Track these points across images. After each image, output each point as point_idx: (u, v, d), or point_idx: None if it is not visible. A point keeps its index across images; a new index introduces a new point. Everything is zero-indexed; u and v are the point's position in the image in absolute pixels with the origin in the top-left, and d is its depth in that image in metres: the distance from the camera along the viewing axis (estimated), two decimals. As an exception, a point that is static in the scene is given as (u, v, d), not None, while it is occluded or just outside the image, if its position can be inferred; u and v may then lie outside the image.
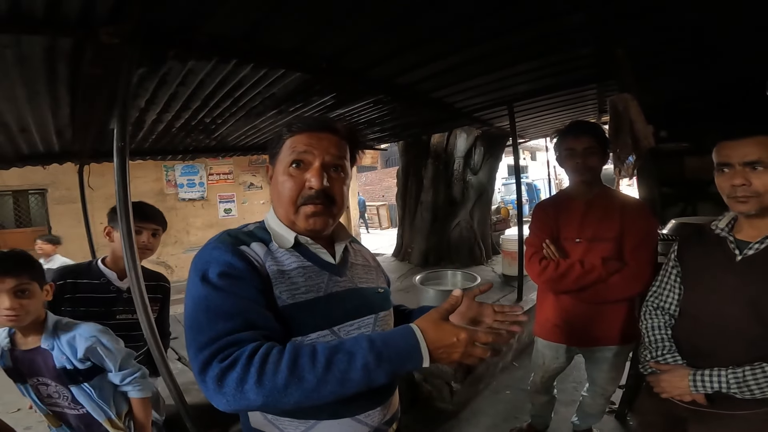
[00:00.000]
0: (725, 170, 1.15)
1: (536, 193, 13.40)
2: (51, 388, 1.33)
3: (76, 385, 1.32)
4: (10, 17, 1.23)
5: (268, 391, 0.65)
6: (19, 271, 1.22)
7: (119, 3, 1.24)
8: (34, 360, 1.30)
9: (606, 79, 2.55)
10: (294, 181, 0.86)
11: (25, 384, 1.33)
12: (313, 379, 0.66)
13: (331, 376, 0.66)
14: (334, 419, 0.82)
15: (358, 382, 0.68)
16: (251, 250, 0.83)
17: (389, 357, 0.68)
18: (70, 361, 1.30)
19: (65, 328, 1.34)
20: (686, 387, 1.17)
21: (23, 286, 1.22)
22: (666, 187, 3.91)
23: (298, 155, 0.86)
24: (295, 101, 2.56)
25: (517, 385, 2.88)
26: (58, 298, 1.60)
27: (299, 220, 0.87)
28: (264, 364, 0.66)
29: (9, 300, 1.18)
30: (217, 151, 4.25)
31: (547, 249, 1.81)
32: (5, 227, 6.63)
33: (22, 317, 1.22)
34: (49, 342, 1.29)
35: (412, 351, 0.69)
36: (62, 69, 1.68)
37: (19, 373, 1.32)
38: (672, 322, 1.36)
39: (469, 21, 1.70)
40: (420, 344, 0.69)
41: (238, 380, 0.65)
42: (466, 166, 5.44)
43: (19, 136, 2.67)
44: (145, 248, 1.68)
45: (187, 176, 8.14)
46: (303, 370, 0.66)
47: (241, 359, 0.67)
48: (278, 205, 0.90)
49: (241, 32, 1.61)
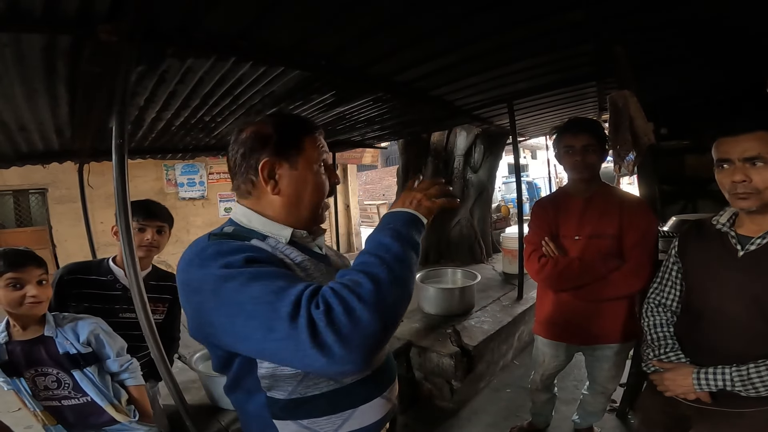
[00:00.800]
0: (725, 166, 1.14)
1: (537, 192, 13.38)
2: (51, 377, 1.36)
3: (80, 370, 1.37)
4: (8, 15, 1.22)
5: (373, 302, 0.62)
6: (39, 264, 1.36)
7: (117, 1, 1.24)
8: (34, 349, 1.35)
9: (605, 77, 2.54)
10: (324, 179, 0.91)
11: (20, 377, 1.34)
12: (384, 271, 0.67)
13: (392, 259, 0.70)
14: (367, 403, 0.84)
15: (412, 255, 0.75)
16: (253, 246, 0.80)
17: (407, 234, 0.76)
18: (73, 345, 1.37)
19: (65, 319, 1.43)
20: (690, 385, 1.17)
21: (44, 277, 1.35)
22: (666, 184, 3.91)
23: (324, 155, 0.91)
24: (294, 99, 2.55)
25: (518, 384, 2.88)
26: (65, 294, 1.64)
27: (321, 216, 0.92)
28: (351, 286, 0.64)
29: (35, 288, 1.31)
30: (216, 150, 4.23)
31: (546, 246, 1.81)
32: (6, 227, 6.62)
33: (44, 304, 1.35)
34: (51, 330, 1.37)
35: (410, 219, 0.79)
36: (61, 67, 1.67)
37: (14, 366, 1.34)
38: (674, 319, 1.35)
39: (468, 18, 1.69)
40: (407, 212, 0.81)
41: (345, 310, 0.61)
42: (466, 164, 5.43)
43: (18, 135, 2.66)
44: (151, 245, 1.67)
45: (187, 175, 8.14)
46: (373, 271, 0.67)
47: (331, 294, 0.63)
48: (299, 206, 0.88)
49: (239, 30, 1.60)
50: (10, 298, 1.29)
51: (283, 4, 1.45)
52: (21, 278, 1.29)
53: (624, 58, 1.92)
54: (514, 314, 3.27)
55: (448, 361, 2.60)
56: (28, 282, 1.30)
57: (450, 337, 2.75)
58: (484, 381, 2.91)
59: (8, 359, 1.33)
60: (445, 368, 2.63)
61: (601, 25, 1.79)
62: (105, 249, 5.99)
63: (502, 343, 3.11)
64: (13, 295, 1.29)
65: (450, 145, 5.41)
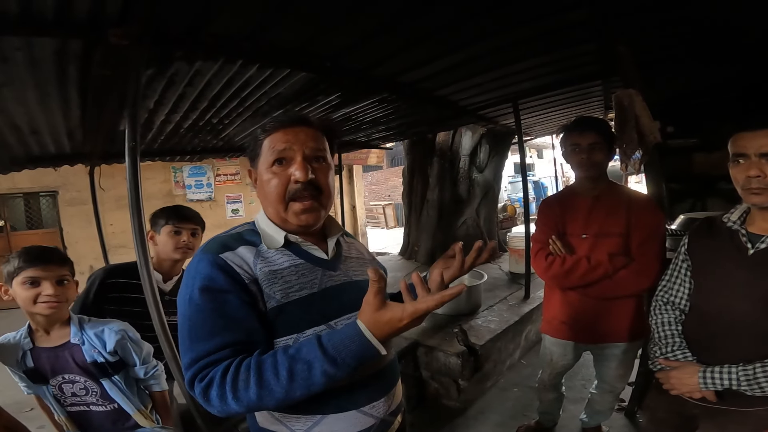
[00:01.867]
0: (741, 161, 1.13)
1: (543, 191, 13.32)
2: (78, 384, 1.33)
3: (108, 378, 1.35)
4: (20, 19, 1.26)
5: (246, 402, 0.72)
6: (63, 262, 1.30)
7: (127, 5, 1.26)
8: (60, 356, 1.30)
9: (610, 76, 2.53)
10: (279, 178, 0.86)
11: (47, 385, 1.31)
12: (281, 390, 0.72)
13: (296, 385, 0.72)
14: (339, 413, 0.83)
15: (324, 384, 0.72)
16: (236, 256, 0.83)
17: (344, 360, 0.72)
18: (101, 354, 1.33)
19: (91, 324, 1.37)
20: (696, 384, 1.16)
21: (66, 276, 1.29)
22: (675, 182, 3.88)
23: (279, 153, 0.86)
24: (300, 101, 2.57)
25: (525, 383, 2.87)
26: (103, 296, 1.66)
27: (290, 216, 0.87)
28: (235, 381, 0.72)
29: (53, 287, 1.24)
30: (224, 152, 4.28)
31: (553, 245, 1.81)
32: (17, 229, 6.72)
33: (62, 305, 1.28)
34: (78, 336, 1.32)
35: (364, 349, 0.72)
36: (72, 71, 1.70)
37: (40, 373, 1.30)
38: (682, 317, 1.34)
39: (471, 18, 1.70)
40: (370, 340, 0.72)
41: (219, 396, 0.73)
42: (471, 164, 5.43)
43: (30, 138, 2.71)
44: (187, 247, 1.74)
45: (195, 177, 8.20)
46: (269, 383, 0.72)
47: (216, 379, 0.73)
48: (267, 204, 0.90)
49: (246, 32, 1.63)
50: (23, 297, 1.23)
51: (288, 7, 1.47)
52: (38, 276, 1.23)
53: (628, 56, 1.91)
54: (521, 313, 3.26)
55: (455, 360, 2.60)
56: (46, 280, 1.24)
57: (457, 336, 2.75)
58: (491, 380, 2.91)
59: (34, 367, 1.30)
60: (451, 367, 2.63)
61: (604, 24, 1.79)
62: (116, 251, 6.11)
63: (509, 342, 3.11)
64: (27, 294, 1.23)
65: (455, 144, 5.41)
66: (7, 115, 2.18)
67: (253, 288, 0.81)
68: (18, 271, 1.23)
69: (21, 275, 1.23)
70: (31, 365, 1.29)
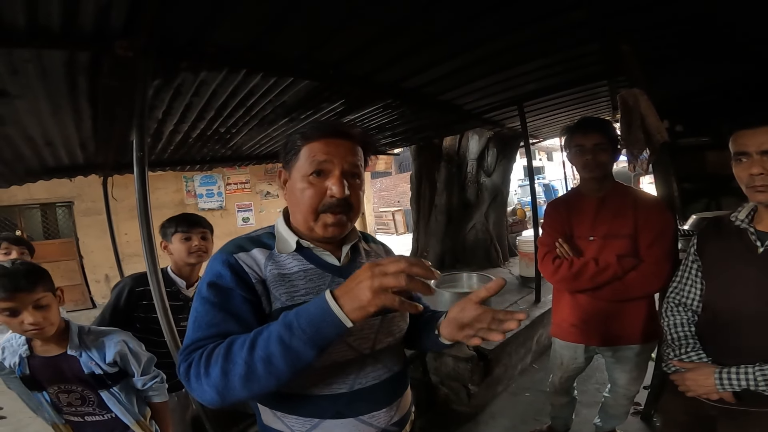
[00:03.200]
0: (743, 159, 1.13)
1: (554, 194, 13.19)
2: (75, 394, 1.32)
3: (106, 389, 1.33)
4: (28, 32, 1.29)
5: (213, 380, 0.71)
6: (34, 285, 1.20)
7: (132, 16, 1.30)
8: (57, 366, 1.28)
9: (616, 75, 2.51)
10: (315, 189, 0.86)
11: (42, 392, 1.30)
12: (241, 361, 0.69)
13: (256, 356, 0.69)
14: (337, 419, 0.84)
15: (281, 358, 0.68)
16: (249, 257, 0.86)
17: (300, 325, 0.67)
18: (99, 366, 1.31)
19: (91, 334, 1.35)
20: (712, 385, 1.14)
21: (42, 300, 1.21)
22: (687, 182, 3.82)
23: (319, 165, 0.86)
24: (305, 108, 2.60)
25: (537, 387, 2.83)
26: (135, 304, 1.69)
27: (318, 227, 0.88)
28: (209, 359, 0.73)
29: (32, 316, 1.18)
30: (233, 161, 4.34)
31: (560, 248, 1.79)
32: (34, 239, 6.89)
33: (47, 329, 1.23)
34: (75, 348, 1.29)
35: (323, 313, 0.67)
36: (82, 82, 1.75)
37: (36, 381, 1.29)
38: (695, 318, 1.32)
39: (471, 22, 1.71)
40: (329, 304, 0.66)
41: (195, 375, 0.73)
42: (479, 168, 5.40)
43: (44, 150, 2.79)
44: (200, 251, 1.78)
45: (206, 186, 8.34)
46: (234, 354, 0.71)
47: (195, 358, 0.74)
48: (296, 211, 0.91)
49: (248, 42, 1.66)
50: (11, 325, 1.19)
51: (289, 16, 1.49)
52: (13, 307, 1.16)
53: (631, 55, 1.90)
54: (531, 317, 3.22)
55: (465, 365, 2.58)
56: (22, 309, 1.17)
57: (466, 341, 2.73)
58: (501, 385, 2.88)
59: (30, 374, 1.28)
60: (461, 372, 2.61)
61: (605, 23, 1.78)
62: (130, 260, 6.21)
63: (520, 346, 3.07)
64: (12, 323, 1.18)
65: (462, 149, 5.40)
66: (21, 126, 2.24)
67: (259, 288, 0.84)
68: None
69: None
70: (27, 372, 1.28)
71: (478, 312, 0.80)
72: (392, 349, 0.93)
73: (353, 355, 0.86)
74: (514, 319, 0.75)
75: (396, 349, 0.95)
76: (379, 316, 0.90)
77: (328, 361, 0.82)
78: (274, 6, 1.42)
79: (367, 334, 0.88)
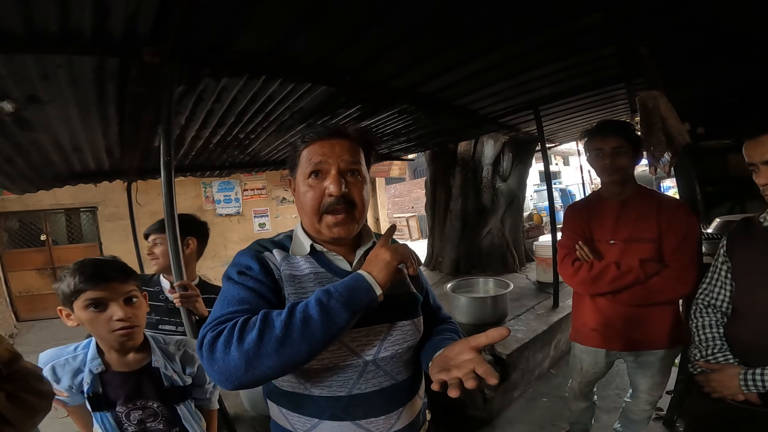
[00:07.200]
0: (753, 170, 1.14)
1: (571, 199, 12.99)
2: (149, 410, 1.14)
3: (183, 402, 1.19)
4: (60, 37, 1.34)
5: (246, 345, 0.71)
6: (127, 276, 1.10)
7: (158, 23, 1.34)
8: (138, 381, 1.13)
9: (633, 78, 2.48)
10: (314, 191, 0.89)
11: (111, 411, 1.11)
12: (280, 324, 0.73)
13: (295, 318, 0.74)
14: (334, 421, 0.85)
15: (318, 320, 0.73)
16: (271, 256, 0.91)
17: (337, 289, 0.76)
18: (181, 378, 1.19)
19: (170, 343, 1.22)
20: (737, 386, 1.13)
21: (133, 293, 1.10)
22: (710, 185, 3.72)
23: (315, 166, 0.89)
24: (322, 114, 2.65)
25: (555, 393, 2.79)
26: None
27: (323, 229, 0.90)
28: (244, 325, 0.74)
29: (122, 310, 1.05)
30: (250, 167, 4.42)
31: (580, 251, 1.77)
32: (58, 243, 7.13)
33: (136, 331, 1.09)
34: (159, 359, 1.15)
35: (356, 280, 0.78)
36: (111, 88, 1.81)
37: (109, 400, 1.11)
38: (724, 320, 1.31)
39: (486, 26, 1.72)
40: (361, 273, 0.79)
41: (225, 343, 0.73)
42: (494, 173, 5.38)
43: (72, 155, 2.88)
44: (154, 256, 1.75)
45: (224, 192, 8.49)
46: (272, 320, 0.74)
47: (228, 326, 0.75)
48: (303, 215, 0.94)
49: (267, 48, 1.70)
50: (97, 324, 1.05)
51: (307, 23, 1.53)
52: (103, 297, 1.04)
53: (650, 58, 1.87)
54: (549, 323, 3.18)
55: (481, 370, 2.55)
56: (112, 300, 1.05)
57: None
58: (518, 390, 2.84)
59: (102, 392, 1.09)
60: (477, 377, 2.58)
61: (621, 26, 1.77)
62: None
63: (538, 351, 3.03)
64: (99, 319, 1.04)
65: (477, 154, 5.39)
66: (51, 133, 2.32)
67: (281, 283, 0.89)
68: (76, 294, 1.04)
69: (81, 299, 1.04)
70: (99, 391, 1.09)
71: (470, 356, 0.81)
72: (398, 357, 0.91)
73: (355, 360, 0.86)
74: (492, 376, 0.73)
75: (402, 358, 0.92)
76: (386, 324, 0.90)
77: (330, 362, 0.84)
78: (296, 11, 1.45)
79: (371, 340, 0.88)
